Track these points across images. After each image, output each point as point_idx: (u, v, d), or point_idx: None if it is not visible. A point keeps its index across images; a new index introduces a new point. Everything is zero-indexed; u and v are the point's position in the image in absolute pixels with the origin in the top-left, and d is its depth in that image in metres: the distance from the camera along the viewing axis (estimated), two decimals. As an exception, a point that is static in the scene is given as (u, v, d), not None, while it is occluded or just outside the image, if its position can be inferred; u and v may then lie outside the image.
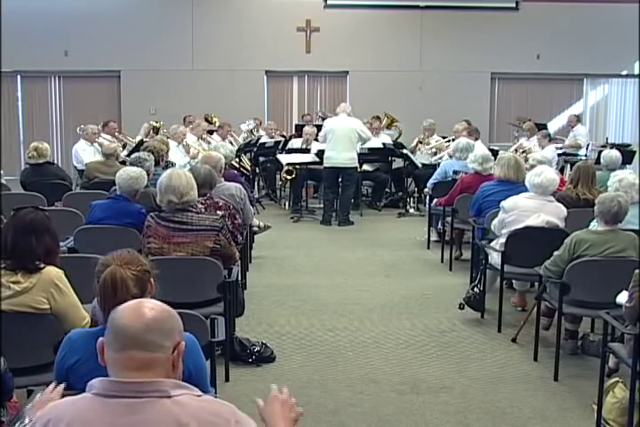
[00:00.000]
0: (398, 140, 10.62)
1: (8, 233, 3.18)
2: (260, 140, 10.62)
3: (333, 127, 8.84)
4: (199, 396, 1.75)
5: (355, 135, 8.82)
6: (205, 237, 4.10)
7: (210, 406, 1.73)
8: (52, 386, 2.16)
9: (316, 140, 9.74)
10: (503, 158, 5.97)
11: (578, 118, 11.74)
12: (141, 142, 8.39)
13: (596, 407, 3.63)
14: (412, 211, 9.80)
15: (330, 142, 8.85)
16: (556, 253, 4.28)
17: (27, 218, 3.21)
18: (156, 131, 9.81)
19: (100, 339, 1.81)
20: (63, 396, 2.01)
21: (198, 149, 8.88)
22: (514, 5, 12.95)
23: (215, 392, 3.01)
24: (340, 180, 9.00)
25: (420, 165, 9.71)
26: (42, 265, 3.13)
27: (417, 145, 10.11)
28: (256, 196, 9.97)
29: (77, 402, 1.72)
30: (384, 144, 10.00)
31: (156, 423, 1.66)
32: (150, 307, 1.78)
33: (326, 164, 8.92)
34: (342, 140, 8.77)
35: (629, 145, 11.19)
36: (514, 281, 5.62)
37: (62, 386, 2.15)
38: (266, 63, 12.81)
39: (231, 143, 10.03)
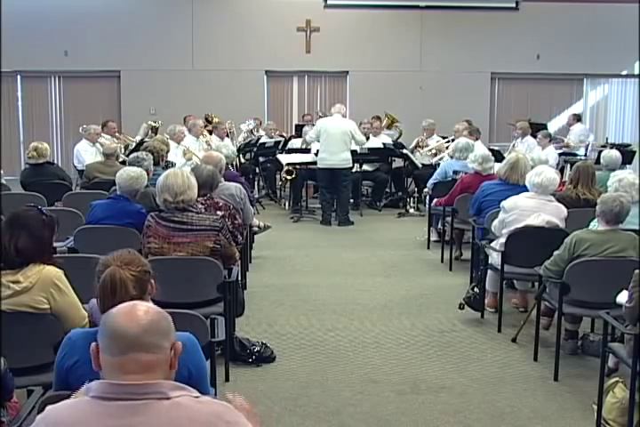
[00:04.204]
0: (398, 141, 10.62)
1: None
2: (260, 141, 10.63)
3: (327, 128, 8.81)
4: (197, 397, 1.75)
5: (349, 137, 8.79)
6: (205, 237, 4.10)
7: (208, 407, 1.73)
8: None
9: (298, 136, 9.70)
10: (508, 158, 5.98)
11: (577, 118, 11.73)
12: (142, 142, 8.39)
13: (595, 407, 3.63)
14: (412, 211, 9.80)
15: (323, 143, 8.83)
16: (556, 252, 4.28)
17: (14, 213, 3.21)
18: (155, 131, 9.81)
19: (93, 344, 1.80)
20: (63, 397, 2.00)
21: (194, 153, 8.78)
22: (514, 5, 12.95)
23: (215, 392, 3.01)
24: (336, 180, 8.96)
25: (420, 166, 9.71)
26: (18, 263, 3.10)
27: (415, 147, 10.11)
28: (256, 196, 9.97)
29: (76, 405, 1.72)
30: (384, 144, 9.99)
31: (155, 425, 1.66)
32: (144, 310, 1.79)
33: (320, 165, 8.91)
34: (336, 142, 8.74)
35: (629, 145, 11.17)
36: (515, 281, 5.62)
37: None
38: (266, 63, 12.81)
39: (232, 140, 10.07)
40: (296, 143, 10.54)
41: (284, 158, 9.67)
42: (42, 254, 3.17)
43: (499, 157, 8.04)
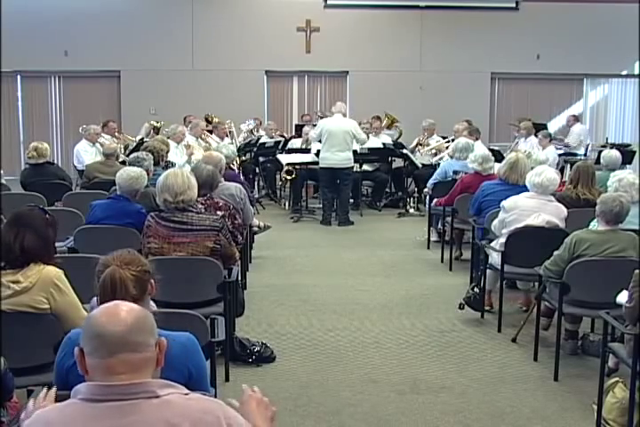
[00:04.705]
0: (398, 141, 10.62)
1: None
2: (260, 141, 10.63)
3: (328, 128, 8.82)
4: (187, 394, 1.75)
5: (350, 136, 8.81)
6: (205, 237, 4.10)
7: (199, 404, 1.73)
8: (42, 394, 2.04)
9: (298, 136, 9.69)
10: (507, 158, 5.98)
11: (576, 118, 11.73)
12: (142, 142, 8.39)
13: (595, 407, 3.63)
14: (412, 211, 9.80)
15: (325, 143, 8.84)
16: (556, 252, 4.28)
17: (17, 212, 3.21)
18: (157, 131, 9.82)
19: (77, 348, 1.77)
20: (64, 397, 2.00)
21: (195, 148, 8.81)
22: (514, 5, 12.96)
23: (215, 392, 3.01)
24: (337, 180, 8.98)
25: (420, 165, 9.71)
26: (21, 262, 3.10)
27: (416, 146, 10.13)
28: (256, 196, 9.98)
29: (65, 409, 1.71)
30: (384, 144, 10.00)
31: (146, 425, 1.65)
32: (127, 309, 1.78)
33: (322, 164, 8.92)
34: (337, 141, 8.75)
35: (629, 145, 11.19)
36: (517, 281, 5.62)
37: (54, 390, 2.07)
38: (266, 63, 12.82)
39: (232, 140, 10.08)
40: (296, 143, 10.54)
41: (284, 158, 9.67)
42: (46, 253, 3.19)
43: (499, 157, 8.04)
